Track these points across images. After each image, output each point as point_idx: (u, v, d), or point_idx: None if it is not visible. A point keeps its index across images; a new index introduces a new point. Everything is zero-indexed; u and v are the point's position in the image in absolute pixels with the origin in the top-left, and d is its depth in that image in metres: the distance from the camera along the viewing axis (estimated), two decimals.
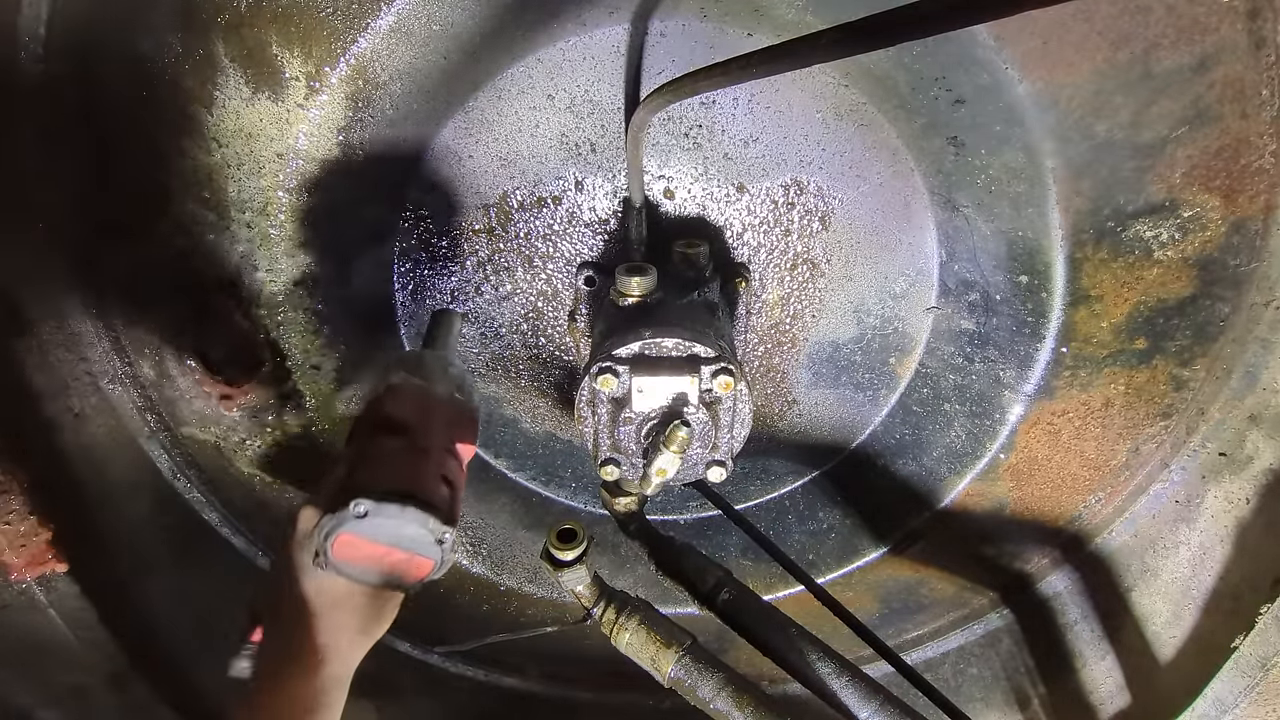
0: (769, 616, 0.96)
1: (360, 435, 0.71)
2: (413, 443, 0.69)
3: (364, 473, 0.65)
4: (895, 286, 1.19)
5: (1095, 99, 0.85)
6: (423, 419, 0.71)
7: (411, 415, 0.71)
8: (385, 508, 0.61)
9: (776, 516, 1.37)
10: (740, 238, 1.16)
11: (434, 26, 0.89)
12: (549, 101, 1.05)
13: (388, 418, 0.69)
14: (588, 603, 0.94)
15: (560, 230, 1.15)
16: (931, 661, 1.35)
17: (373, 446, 0.68)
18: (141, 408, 1.06)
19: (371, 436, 0.69)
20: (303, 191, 0.95)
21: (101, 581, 0.98)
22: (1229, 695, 0.95)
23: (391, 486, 0.62)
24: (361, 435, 0.71)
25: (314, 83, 0.88)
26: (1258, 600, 0.94)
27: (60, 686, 0.94)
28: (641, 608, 0.94)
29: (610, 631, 0.93)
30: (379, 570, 0.65)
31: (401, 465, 0.66)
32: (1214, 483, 1.05)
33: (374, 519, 0.61)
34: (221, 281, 0.99)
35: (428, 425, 0.71)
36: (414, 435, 0.69)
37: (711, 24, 1.00)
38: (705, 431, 0.90)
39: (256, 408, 1.08)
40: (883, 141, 1.08)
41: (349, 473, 0.66)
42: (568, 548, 0.89)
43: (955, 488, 1.21)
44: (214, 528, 1.15)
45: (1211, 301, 0.97)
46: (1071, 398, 1.07)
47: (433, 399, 0.74)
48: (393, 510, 0.61)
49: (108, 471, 1.03)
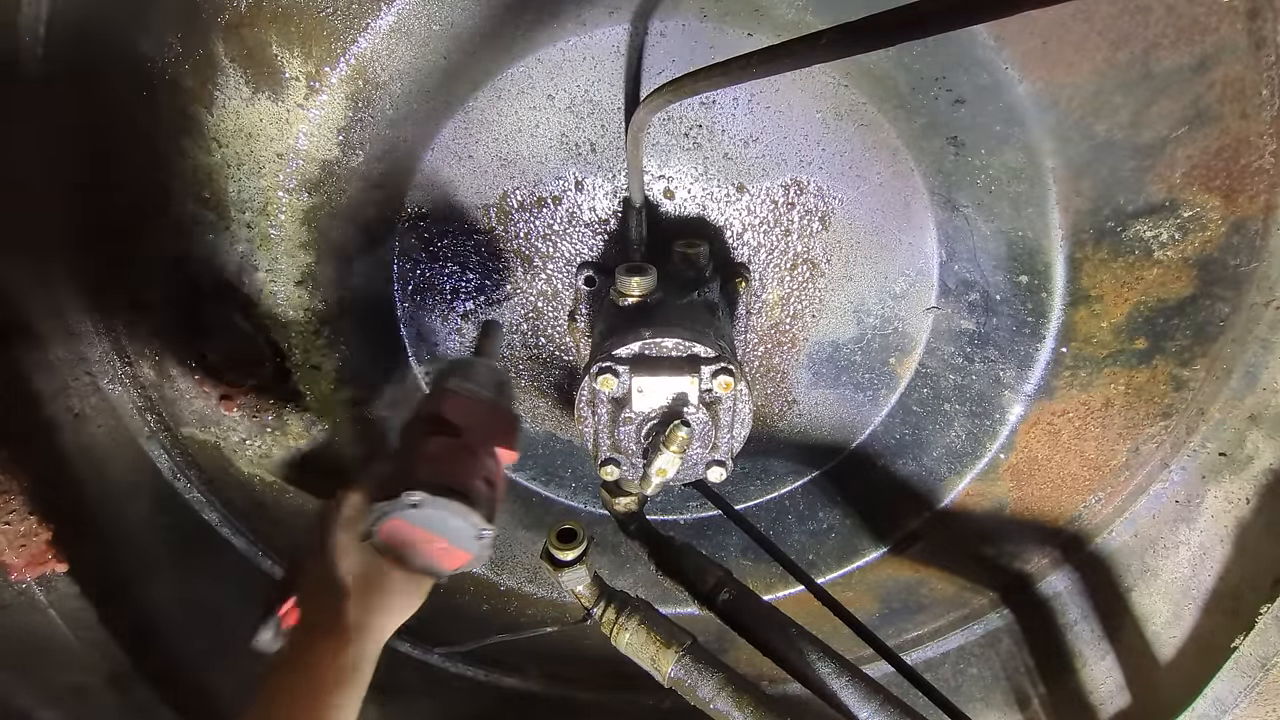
0: (769, 616, 0.96)
1: (415, 432, 0.76)
2: (462, 443, 0.74)
3: (417, 466, 0.69)
4: (895, 286, 1.19)
5: (1095, 99, 0.85)
6: (472, 423, 0.77)
7: (462, 419, 0.77)
8: (434, 500, 0.66)
9: (776, 516, 1.37)
10: (740, 238, 1.16)
11: (434, 26, 0.89)
12: (549, 101, 1.05)
13: (442, 419, 0.75)
14: (588, 603, 0.94)
15: (560, 230, 1.15)
16: (931, 661, 1.35)
17: (427, 444, 0.73)
18: (141, 408, 1.06)
19: (426, 434, 0.74)
20: (303, 191, 0.95)
21: (101, 581, 0.98)
22: (1229, 695, 0.95)
23: (441, 481, 0.67)
24: (416, 432, 0.76)
25: (314, 83, 0.88)
26: (1258, 600, 0.94)
27: (60, 686, 0.94)
28: (641, 608, 0.94)
29: (610, 631, 0.93)
30: (420, 556, 0.70)
31: (451, 463, 0.71)
32: (1214, 483, 1.05)
33: (423, 509, 0.66)
34: (221, 281, 0.99)
35: (476, 429, 0.78)
36: (464, 437, 0.75)
37: (711, 24, 1.00)
38: (705, 431, 0.90)
39: (256, 408, 1.09)
40: (883, 141, 1.08)
41: (403, 464, 0.71)
42: (568, 548, 0.90)
43: (955, 488, 1.21)
44: (214, 528, 1.15)
45: (1211, 301, 0.96)
46: (1071, 398, 1.07)
47: (481, 405, 0.80)
48: (440, 503, 0.66)
49: (108, 471, 1.03)
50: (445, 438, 0.74)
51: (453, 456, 0.72)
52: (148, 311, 1.01)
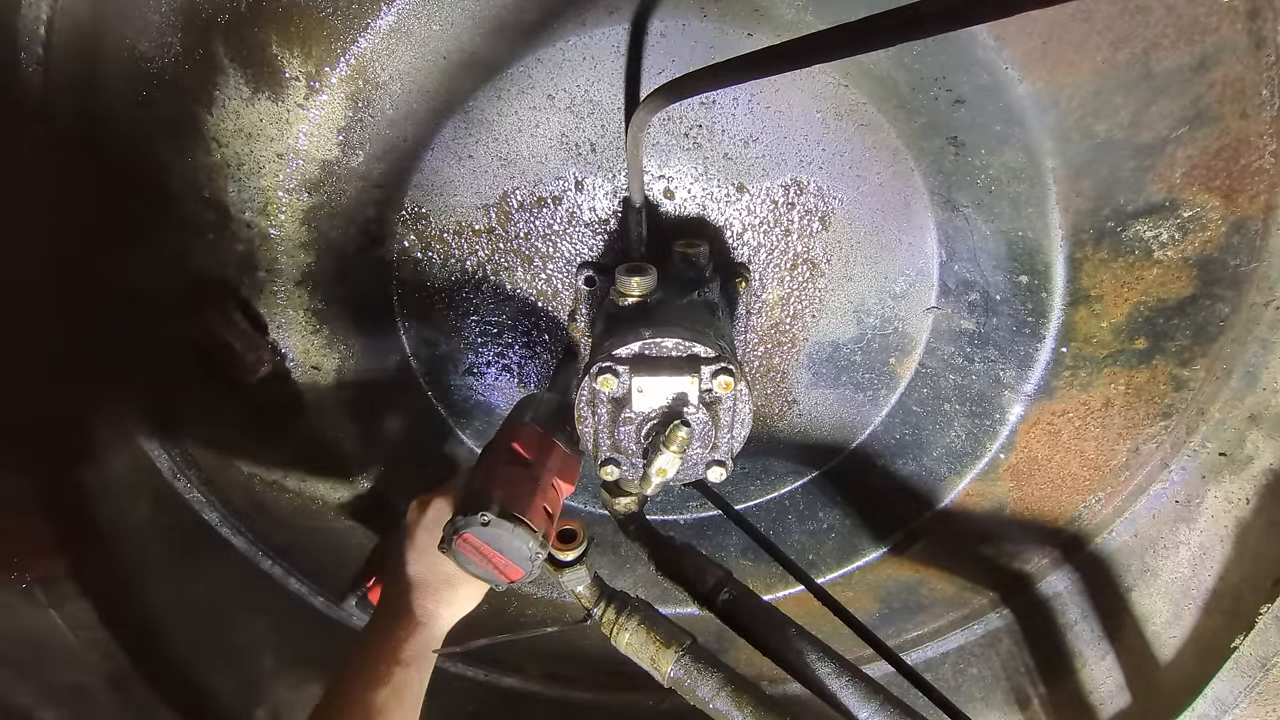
0: (769, 617, 0.96)
1: (495, 457, 0.89)
2: (531, 474, 0.87)
3: (493, 490, 0.82)
4: (895, 286, 1.19)
5: (1095, 99, 0.85)
6: (541, 457, 0.90)
7: (534, 453, 0.89)
8: (503, 523, 0.78)
9: (776, 516, 1.37)
10: (740, 238, 1.16)
11: (434, 26, 0.89)
12: (549, 101, 1.05)
13: (517, 452, 0.88)
14: (588, 603, 0.95)
15: (560, 230, 1.15)
16: (931, 661, 1.35)
17: (504, 471, 0.86)
18: (142, 408, 1.06)
19: (504, 462, 0.88)
20: (303, 191, 0.95)
21: (101, 581, 0.98)
22: (1229, 695, 0.95)
23: (509, 507, 0.80)
24: (496, 457, 0.89)
25: (314, 83, 0.88)
26: (1258, 600, 0.94)
27: (60, 686, 0.94)
28: (641, 608, 0.94)
29: (610, 631, 0.93)
30: (483, 566, 0.82)
31: (520, 492, 0.84)
32: (1214, 483, 1.05)
33: (493, 529, 0.79)
34: (221, 281, 0.99)
35: (544, 463, 0.90)
36: (533, 469, 0.88)
37: (711, 24, 1.00)
38: (705, 431, 0.90)
39: (256, 408, 1.09)
40: (883, 141, 1.08)
41: (482, 485, 0.83)
42: (568, 548, 0.90)
43: (955, 488, 1.20)
44: (214, 528, 1.15)
45: (1211, 301, 0.96)
46: (1071, 398, 1.07)
47: (552, 443, 0.93)
48: (506, 526, 0.79)
49: (108, 471, 1.03)
50: (519, 467, 0.87)
51: (522, 486, 0.84)
52: (147, 312, 1.01)
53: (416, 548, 0.90)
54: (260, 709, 1.16)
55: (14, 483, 0.91)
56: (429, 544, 0.88)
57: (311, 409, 1.13)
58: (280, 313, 1.03)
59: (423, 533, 0.90)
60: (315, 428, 1.15)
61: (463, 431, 1.33)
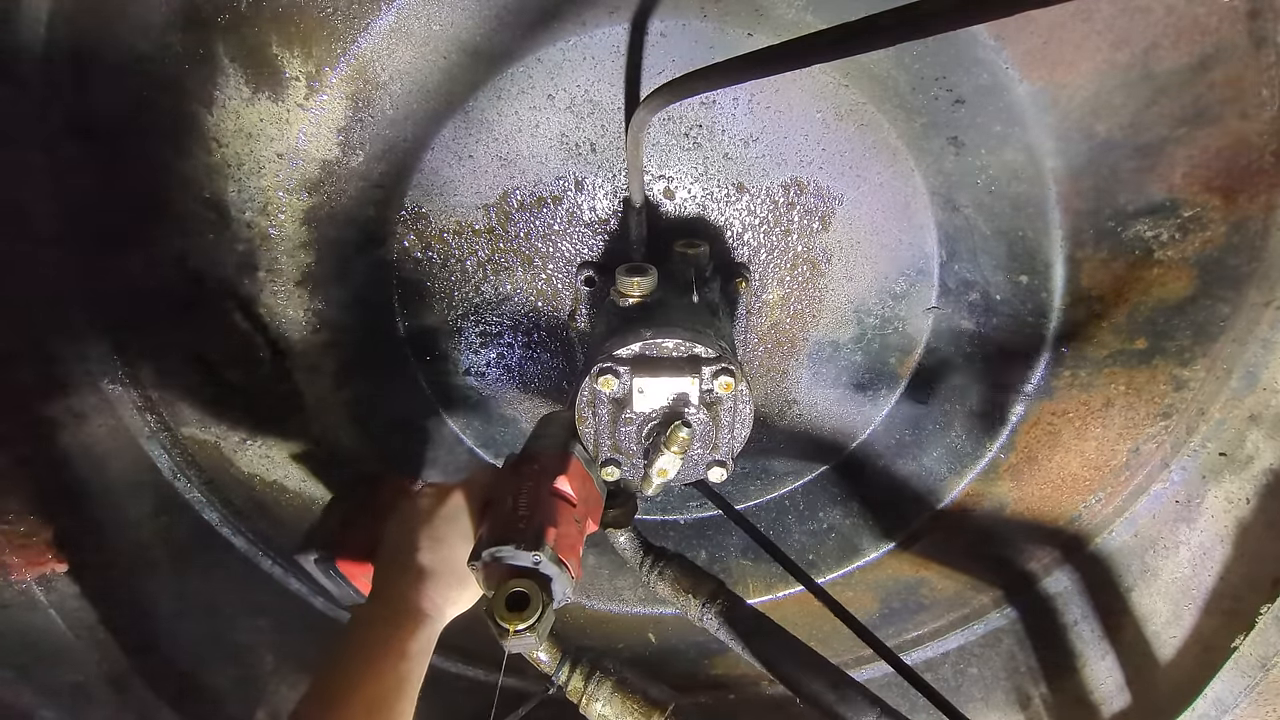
0: (762, 627, 0.95)
1: (541, 484, 0.84)
2: (575, 516, 0.84)
3: (548, 528, 0.78)
4: (895, 286, 1.19)
5: (1095, 99, 0.85)
6: (584, 496, 0.87)
7: (579, 492, 0.86)
8: (551, 567, 0.76)
9: (776, 516, 1.37)
10: (740, 238, 1.16)
11: (434, 26, 0.89)
12: (549, 101, 1.05)
13: (566, 489, 0.84)
14: (547, 669, 0.88)
15: (560, 230, 1.15)
16: (932, 661, 1.35)
17: (553, 507, 0.82)
18: (141, 408, 1.05)
19: (551, 494, 0.84)
20: (303, 191, 0.95)
21: (101, 581, 0.98)
22: (1229, 695, 0.95)
23: (559, 554, 0.77)
24: (543, 486, 0.84)
25: (314, 83, 0.88)
26: (1258, 600, 0.94)
27: (60, 686, 0.94)
28: (614, 670, 0.88)
29: (579, 702, 0.86)
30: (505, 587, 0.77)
31: (570, 539, 0.80)
32: (1214, 483, 1.05)
33: (540, 570, 0.76)
34: (221, 281, 0.99)
35: (587, 502, 0.88)
36: (579, 510, 0.85)
37: (711, 24, 1.00)
38: (706, 432, 0.90)
39: (256, 408, 1.09)
40: (883, 141, 1.08)
41: (532, 515, 0.79)
42: (517, 617, 0.71)
43: (955, 488, 1.21)
44: (214, 528, 1.15)
45: (1211, 301, 0.96)
46: (1072, 398, 1.07)
47: (591, 481, 0.91)
48: (554, 571, 0.76)
49: (108, 471, 1.02)
50: (567, 505, 0.84)
51: (570, 529, 0.82)
52: (148, 312, 1.01)
53: (434, 536, 0.86)
54: (260, 709, 1.16)
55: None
56: (448, 535, 0.85)
57: (311, 409, 1.13)
58: (280, 313, 1.03)
59: (442, 523, 0.87)
60: (315, 428, 1.15)
61: (463, 431, 1.33)
